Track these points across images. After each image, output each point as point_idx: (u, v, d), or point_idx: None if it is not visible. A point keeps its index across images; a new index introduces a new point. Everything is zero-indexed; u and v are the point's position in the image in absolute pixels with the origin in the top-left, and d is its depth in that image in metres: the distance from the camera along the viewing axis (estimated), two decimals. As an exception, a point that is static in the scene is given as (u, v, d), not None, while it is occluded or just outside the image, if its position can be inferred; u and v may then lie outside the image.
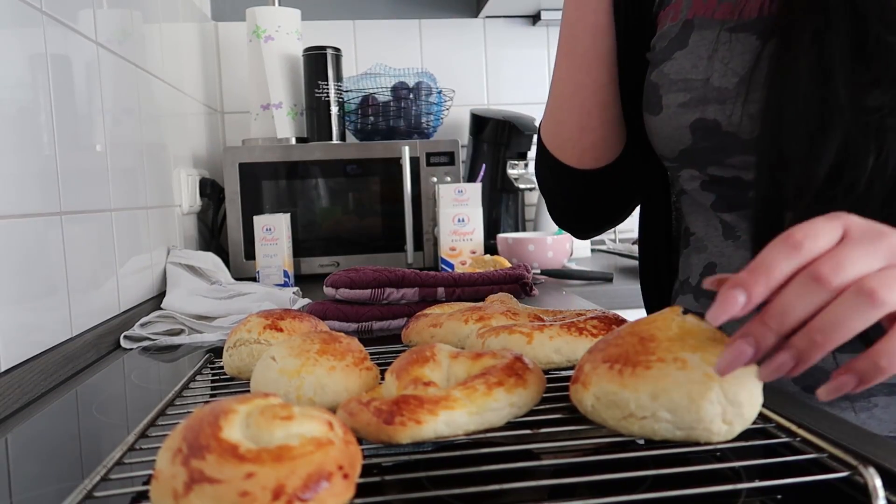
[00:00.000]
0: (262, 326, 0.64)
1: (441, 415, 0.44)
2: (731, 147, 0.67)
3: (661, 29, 0.75)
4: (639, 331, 0.48)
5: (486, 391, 0.46)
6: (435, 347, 0.53)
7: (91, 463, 0.53)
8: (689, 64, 0.70)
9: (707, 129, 0.68)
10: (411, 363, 0.50)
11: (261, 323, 0.65)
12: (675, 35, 0.72)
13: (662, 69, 0.73)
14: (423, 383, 0.48)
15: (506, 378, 0.47)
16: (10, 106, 0.77)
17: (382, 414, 0.44)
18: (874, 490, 0.39)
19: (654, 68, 0.75)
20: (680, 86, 0.70)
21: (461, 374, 0.50)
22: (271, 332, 0.64)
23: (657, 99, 0.73)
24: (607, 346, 0.48)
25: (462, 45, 2.04)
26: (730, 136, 0.66)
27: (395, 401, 0.45)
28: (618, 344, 0.47)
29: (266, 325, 0.64)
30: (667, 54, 0.72)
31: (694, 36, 0.70)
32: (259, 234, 1.37)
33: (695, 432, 0.43)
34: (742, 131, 0.65)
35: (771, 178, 0.59)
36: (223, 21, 1.94)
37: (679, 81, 0.70)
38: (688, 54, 0.70)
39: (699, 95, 0.68)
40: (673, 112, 0.71)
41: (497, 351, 0.52)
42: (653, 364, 0.44)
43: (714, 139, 0.68)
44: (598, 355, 0.48)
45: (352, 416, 0.45)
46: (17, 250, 0.76)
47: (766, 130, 0.61)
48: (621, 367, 0.45)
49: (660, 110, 0.73)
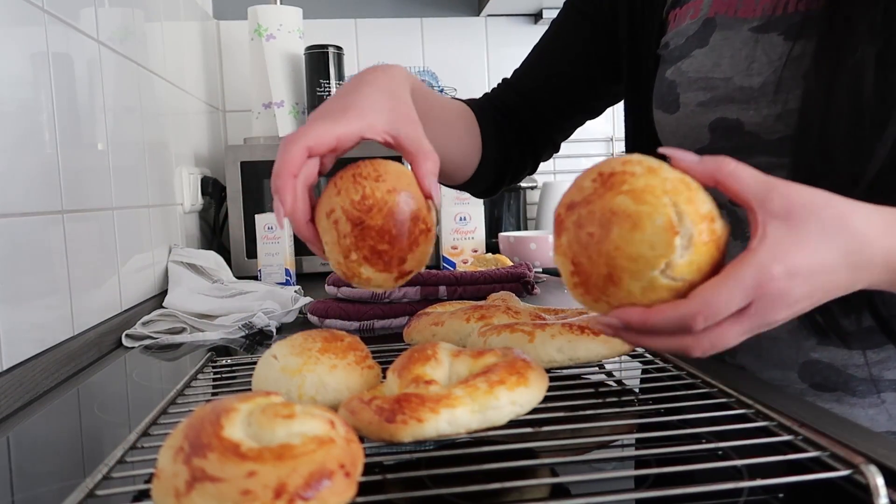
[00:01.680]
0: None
1: (443, 413, 0.44)
2: (752, 147, 0.66)
3: (678, 27, 0.74)
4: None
5: (488, 389, 0.46)
6: (436, 346, 0.53)
7: (93, 461, 0.54)
8: (709, 62, 0.69)
9: (728, 128, 0.68)
10: (413, 362, 0.50)
11: None
12: (694, 33, 0.71)
13: (680, 67, 0.72)
14: (425, 382, 0.48)
15: (508, 376, 0.47)
16: (12, 104, 0.77)
17: (384, 412, 0.44)
18: (876, 488, 0.38)
19: (668, 65, 0.74)
20: (700, 84, 0.69)
21: (463, 373, 0.50)
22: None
23: (674, 97, 0.72)
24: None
25: (464, 44, 2.04)
26: (752, 136, 0.66)
27: (397, 399, 0.45)
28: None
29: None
30: (684, 52, 0.71)
31: (716, 35, 0.69)
32: (261, 233, 1.37)
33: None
34: (765, 131, 0.65)
35: (809, 173, 0.59)
36: (225, 19, 1.94)
37: (699, 80, 0.69)
38: (709, 53, 0.69)
39: (721, 95, 0.67)
40: (692, 111, 0.70)
41: (499, 349, 0.52)
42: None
43: (734, 139, 0.67)
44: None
45: (353, 415, 0.45)
46: (19, 249, 0.76)
47: (806, 128, 0.59)
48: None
49: (676, 108, 0.72)
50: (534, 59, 0.92)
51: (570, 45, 0.88)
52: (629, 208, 0.44)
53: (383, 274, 0.55)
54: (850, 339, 0.65)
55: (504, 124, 0.89)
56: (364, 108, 0.57)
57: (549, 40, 0.91)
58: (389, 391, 0.51)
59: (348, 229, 0.53)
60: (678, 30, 0.74)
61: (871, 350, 0.65)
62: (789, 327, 0.68)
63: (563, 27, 0.90)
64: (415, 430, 0.43)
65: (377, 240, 0.53)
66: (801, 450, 0.45)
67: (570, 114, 0.92)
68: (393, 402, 0.44)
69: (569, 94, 0.90)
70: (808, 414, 0.55)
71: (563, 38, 0.89)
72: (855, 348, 0.66)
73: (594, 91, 0.90)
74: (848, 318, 0.63)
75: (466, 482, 0.42)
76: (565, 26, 0.90)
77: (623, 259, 0.44)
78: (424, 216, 0.55)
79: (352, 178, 0.55)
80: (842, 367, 0.66)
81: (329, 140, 0.54)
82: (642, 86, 0.80)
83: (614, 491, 0.41)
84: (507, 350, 0.52)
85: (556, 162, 2.07)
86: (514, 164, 0.91)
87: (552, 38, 0.90)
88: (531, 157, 0.93)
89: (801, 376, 0.68)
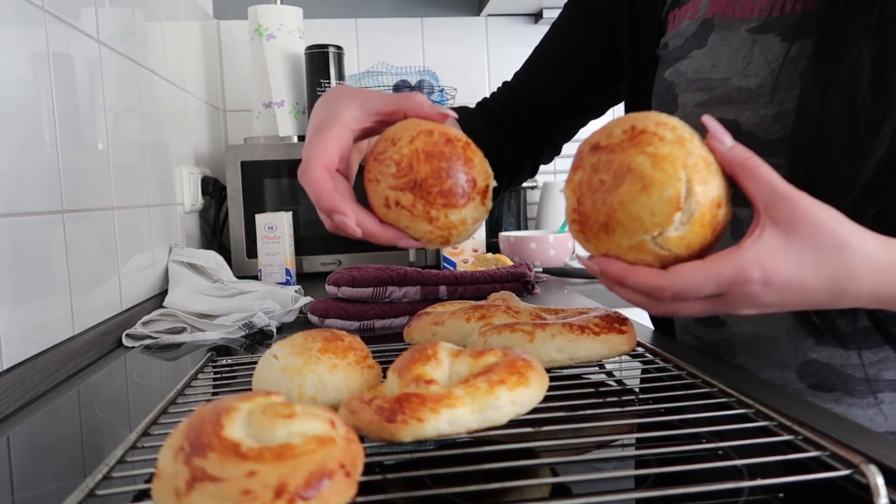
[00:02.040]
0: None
1: (443, 413, 0.44)
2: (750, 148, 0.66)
3: (677, 27, 0.74)
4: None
5: (489, 389, 0.46)
6: (437, 345, 0.53)
7: (93, 461, 0.54)
8: (707, 63, 0.69)
9: (726, 129, 0.67)
10: (413, 361, 0.50)
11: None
12: (692, 33, 0.71)
13: (678, 67, 0.72)
14: (425, 381, 0.48)
15: (508, 376, 0.47)
16: (12, 104, 0.77)
17: (384, 412, 0.44)
18: (876, 488, 0.38)
19: (667, 66, 0.74)
20: (698, 85, 0.69)
21: (463, 372, 0.50)
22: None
23: (672, 97, 0.72)
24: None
25: (464, 44, 2.04)
26: (750, 136, 0.65)
27: (397, 399, 0.45)
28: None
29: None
30: (683, 52, 0.72)
31: (714, 36, 0.69)
32: (261, 233, 1.37)
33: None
34: (763, 132, 0.65)
35: (805, 173, 0.59)
36: (225, 19, 1.94)
37: (697, 81, 0.70)
38: (707, 53, 0.69)
39: (719, 95, 0.67)
40: (690, 111, 0.70)
41: (499, 348, 0.52)
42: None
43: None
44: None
45: (354, 415, 0.45)
46: (19, 248, 0.76)
47: (802, 128, 0.59)
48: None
49: (675, 109, 0.72)
50: (534, 60, 0.92)
51: (571, 45, 0.88)
52: (645, 171, 0.46)
53: (470, 203, 0.55)
54: (847, 339, 0.65)
55: (497, 129, 0.89)
56: (336, 113, 0.58)
57: (549, 40, 0.91)
58: (390, 391, 0.51)
59: (411, 199, 0.54)
60: (677, 30, 0.74)
61: (867, 350, 0.65)
62: (788, 327, 0.68)
63: (563, 27, 0.90)
64: (415, 429, 0.43)
65: (438, 181, 0.54)
66: (801, 449, 0.45)
67: (570, 113, 0.92)
68: (393, 401, 0.44)
69: (569, 94, 0.90)
70: (808, 414, 0.55)
71: (564, 37, 0.90)
72: (851, 349, 0.65)
73: (595, 90, 0.90)
74: (844, 319, 0.63)
75: (467, 482, 0.42)
76: (565, 26, 0.90)
77: (623, 214, 0.47)
78: (453, 135, 0.56)
79: (374, 161, 0.56)
80: (840, 368, 0.66)
81: (333, 148, 0.56)
82: (642, 86, 0.80)
83: (614, 491, 0.42)
84: (507, 349, 0.52)
85: (557, 162, 2.07)
86: (508, 168, 0.91)
87: (552, 37, 0.91)
88: (529, 159, 0.94)
89: (799, 376, 0.68)
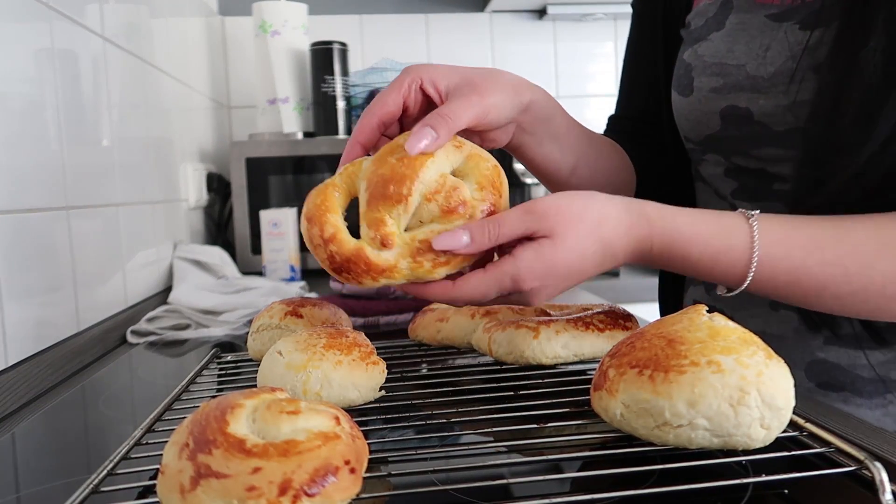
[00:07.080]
0: (283, 313, 0.67)
1: (381, 280, 0.51)
2: (760, 137, 0.66)
3: (699, 5, 0.74)
4: (665, 333, 0.45)
5: (430, 269, 0.51)
6: (413, 182, 0.52)
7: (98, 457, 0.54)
8: (724, 47, 0.68)
9: (738, 116, 0.67)
10: (386, 198, 0.52)
11: (282, 309, 0.67)
12: (713, 14, 0.71)
13: (697, 49, 0.71)
14: (382, 234, 0.51)
15: (453, 258, 0.52)
16: (17, 101, 0.77)
17: (334, 263, 0.51)
18: (881, 484, 0.38)
19: (687, 47, 0.73)
20: (714, 69, 0.69)
21: (425, 219, 0.53)
22: (292, 318, 0.66)
23: (689, 80, 0.72)
24: (632, 349, 0.45)
25: (468, 40, 2.04)
26: (761, 126, 0.65)
27: (348, 258, 0.51)
28: (644, 347, 0.45)
29: (287, 312, 0.67)
30: (702, 34, 0.71)
31: (732, 17, 0.68)
32: (266, 229, 1.38)
33: (733, 439, 0.41)
34: (774, 122, 0.64)
35: (814, 163, 0.58)
36: (230, 16, 1.94)
37: (713, 65, 0.69)
38: (724, 37, 0.68)
39: (733, 82, 0.67)
40: (704, 96, 0.70)
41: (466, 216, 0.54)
42: (686, 368, 0.41)
43: (744, 128, 0.67)
44: (624, 359, 0.45)
45: (313, 248, 0.53)
46: (24, 245, 0.76)
47: (817, 119, 0.59)
48: (652, 373, 0.43)
49: (690, 92, 0.72)
50: (625, 80, 0.90)
51: (644, 48, 0.86)
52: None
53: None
54: (850, 339, 0.65)
55: (637, 148, 0.85)
56: (486, 89, 0.70)
57: (627, 54, 0.89)
58: (363, 173, 0.54)
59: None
60: (699, 9, 0.74)
61: (877, 350, 0.65)
62: (795, 327, 0.68)
63: (630, 35, 0.88)
64: (354, 284, 0.52)
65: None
66: (806, 446, 0.45)
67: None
68: (344, 259, 0.51)
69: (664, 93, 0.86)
70: (813, 410, 0.55)
71: (632, 43, 0.88)
72: (861, 348, 0.65)
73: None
74: (846, 319, 0.63)
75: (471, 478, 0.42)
76: (632, 33, 0.88)
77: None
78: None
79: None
80: (848, 367, 0.66)
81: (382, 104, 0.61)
82: (668, 67, 0.79)
83: (620, 487, 0.41)
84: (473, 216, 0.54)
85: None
86: (659, 173, 0.87)
87: (629, 50, 0.89)
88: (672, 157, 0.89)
89: (807, 375, 0.68)
